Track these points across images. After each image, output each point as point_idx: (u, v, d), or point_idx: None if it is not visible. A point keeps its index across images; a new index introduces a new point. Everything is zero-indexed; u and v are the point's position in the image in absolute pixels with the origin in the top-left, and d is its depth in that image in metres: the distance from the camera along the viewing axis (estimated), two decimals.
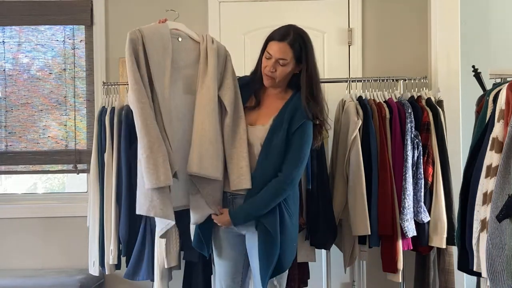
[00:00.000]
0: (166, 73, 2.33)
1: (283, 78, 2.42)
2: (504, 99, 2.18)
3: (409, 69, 3.48)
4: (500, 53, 3.60)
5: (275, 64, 2.37)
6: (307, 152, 2.40)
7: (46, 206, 3.78)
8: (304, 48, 2.38)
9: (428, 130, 3.01)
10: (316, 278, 3.40)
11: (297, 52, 2.37)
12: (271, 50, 2.37)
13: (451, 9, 3.43)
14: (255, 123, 2.44)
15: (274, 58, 2.37)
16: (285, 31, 2.37)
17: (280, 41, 2.36)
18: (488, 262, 2.05)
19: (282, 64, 2.37)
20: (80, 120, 3.80)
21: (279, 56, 2.36)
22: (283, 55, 2.36)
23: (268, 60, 2.39)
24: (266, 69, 2.41)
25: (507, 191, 2.04)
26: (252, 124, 2.44)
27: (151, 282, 3.02)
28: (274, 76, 2.40)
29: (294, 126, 2.36)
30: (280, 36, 2.37)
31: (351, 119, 2.98)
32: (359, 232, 2.93)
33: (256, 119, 2.45)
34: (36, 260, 3.73)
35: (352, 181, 2.95)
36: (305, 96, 2.38)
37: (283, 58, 2.36)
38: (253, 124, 2.44)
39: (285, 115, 2.39)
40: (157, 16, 3.68)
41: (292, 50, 2.35)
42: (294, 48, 2.36)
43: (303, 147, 2.37)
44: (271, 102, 2.47)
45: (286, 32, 2.37)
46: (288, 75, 2.42)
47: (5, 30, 3.79)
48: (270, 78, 2.41)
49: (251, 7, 3.70)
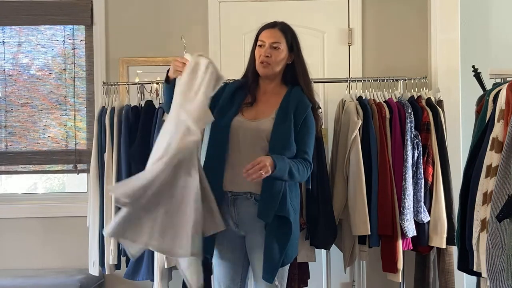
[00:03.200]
0: None
1: (278, 64, 2.44)
2: (504, 99, 2.19)
3: (409, 69, 3.48)
4: (500, 53, 3.60)
5: (269, 49, 2.42)
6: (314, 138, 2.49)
7: (46, 206, 3.77)
8: (293, 37, 2.48)
9: (428, 130, 3.01)
10: (316, 278, 3.40)
11: (289, 38, 2.46)
12: (264, 37, 2.44)
13: (451, 9, 3.43)
14: (256, 118, 2.44)
15: (268, 43, 2.42)
16: (274, 22, 2.49)
17: (271, 28, 2.46)
18: (488, 262, 2.05)
19: (276, 47, 2.43)
20: (80, 120, 3.80)
21: (273, 40, 2.42)
22: (276, 39, 2.43)
23: (261, 48, 2.44)
24: (261, 57, 2.44)
25: (507, 191, 2.04)
26: (253, 120, 2.43)
27: (151, 282, 3.02)
28: (270, 61, 2.42)
29: (301, 118, 2.38)
30: (269, 25, 2.47)
31: (351, 119, 2.98)
32: (359, 232, 2.93)
33: (255, 115, 2.44)
34: (36, 260, 3.72)
35: (352, 181, 2.95)
36: (304, 85, 2.47)
37: (277, 41, 2.43)
38: (254, 119, 2.43)
39: (287, 108, 2.39)
40: (157, 15, 3.72)
41: (283, 35, 2.45)
42: (286, 34, 2.46)
43: (313, 135, 2.44)
44: (268, 98, 2.47)
45: (275, 22, 2.49)
46: (282, 63, 2.46)
47: (5, 30, 3.79)
48: (266, 64, 2.43)
49: (251, 7, 3.70)
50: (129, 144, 3.03)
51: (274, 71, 2.44)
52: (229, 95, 2.46)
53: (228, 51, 3.63)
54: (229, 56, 3.57)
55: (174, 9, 3.74)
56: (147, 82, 3.28)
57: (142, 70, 3.67)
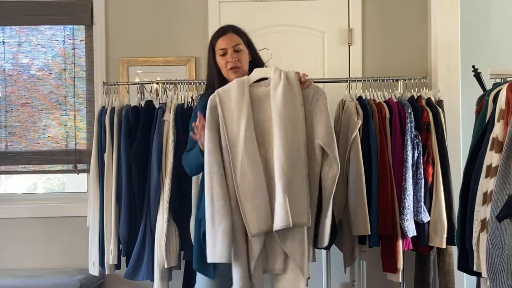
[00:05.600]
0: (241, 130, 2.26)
1: (245, 65, 2.50)
2: (504, 99, 2.18)
3: (409, 69, 3.48)
4: (500, 53, 3.60)
5: (234, 53, 2.46)
6: None
7: (46, 206, 3.77)
8: (246, 35, 2.54)
9: (428, 130, 3.01)
10: (316, 278, 3.40)
11: (244, 38, 2.52)
12: (223, 45, 2.47)
13: (451, 9, 3.43)
14: None
15: (230, 49, 2.46)
16: (222, 28, 2.54)
17: (224, 34, 2.49)
18: (488, 262, 2.05)
19: (239, 49, 2.48)
20: (80, 120, 3.80)
21: (234, 44, 2.47)
22: (235, 42, 2.48)
23: (224, 57, 2.47)
24: (229, 64, 2.46)
25: (507, 191, 2.04)
26: None
27: (151, 282, 3.02)
28: (239, 65, 2.46)
29: None
30: (221, 32, 2.52)
31: (351, 119, 2.98)
32: (359, 232, 2.93)
33: None
34: (36, 260, 3.73)
35: (352, 181, 2.95)
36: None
37: (237, 43, 2.48)
38: None
39: None
40: (157, 16, 3.72)
41: (239, 36, 2.50)
42: (240, 35, 2.51)
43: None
44: None
45: (224, 28, 2.53)
46: (247, 62, 2.51)
47: (5, 30, 3.80)
48: (236, 68, 2.46)
49: (251, 7, 3.70)
50: (129, 144, 3.03)
51: (244, 73, 2.47)
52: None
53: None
54: None
55: (174, 9, 3.74)
56: (147, 82, 3.28)
57: (142, 70, 3.68)
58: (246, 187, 2.22)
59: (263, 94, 2.31)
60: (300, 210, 2.21)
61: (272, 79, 2.31)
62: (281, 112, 2.23)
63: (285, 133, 2.22)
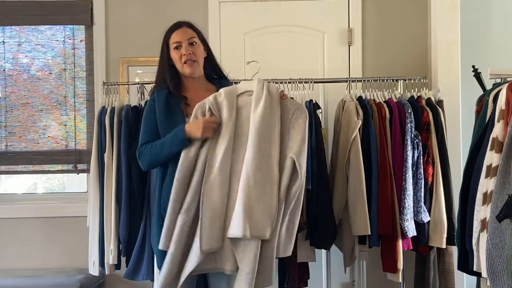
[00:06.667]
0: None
1: (201, 58, 2.49)
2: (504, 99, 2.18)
3: (409, 69, 3.48)
4: (500, 53, 3.60)
5: (188, 47, 2.45)
6: None
7: (46, 206, 3.78)
8: (200, 32, 2.54)
9: (428, 130, 3.01)
10: (316, 278, 3.40)
11: (199, 33, 2.52)
12: (177, 38, 2.47)
13: (451, 9, 3.43)
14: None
15: (184, 42, 2.45)
16: (177, 23, 2.52)
17: (179, 28, 2.49)
18: (488, 262, 2.05)
19: (194, 42, 2.47)
20: (80, 120, 3.80)
21: (188, 37, 2.47)
22: (190, 35, 2.48)
23: (179, 50, 2.47)
24: (183, 57, 2.45)
25: (507, 191, 2.03)
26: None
27: (151, 282, 3.02)
28: (194, 58, 2.46)
29: None
30: (175, 26, 2.51)
31: (351, 119, 2.98)
32: (359, 232, 2.93)
33: None
34: (36, 260, 3.73)
35: (352, 181, 2.95)
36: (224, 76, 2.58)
37: (191, 36, 2.47)
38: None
39: None
40: (157, 15, 3.72)
41: (194, 31, 2.50)
42: (194, 29, 2.51)
43: None
44: (203, 96, 2.43)
45: (179, 22, 2.52)
46: (202, 57, 2.51)
47: (5, 30, 3.80)
48: (191, 62, 2.46)
49: (251, 7, 3.70)
50: (129, 144, 3.03)
51: (200, 66, 2.48)
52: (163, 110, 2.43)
53: (228, 51, 3.63)
54: (229, 56, 3.57)
55: (174, 9, 3.74)
56: (147, 82, 3.27)
57: (142, 70, 3.68)
58: (211, 203, 2.26)
59: (244, 104, 2.36)
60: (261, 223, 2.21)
61: (254, 91, 2.34)
62: (257, 127, 2.27)
63: (258, 148, 2.25)
